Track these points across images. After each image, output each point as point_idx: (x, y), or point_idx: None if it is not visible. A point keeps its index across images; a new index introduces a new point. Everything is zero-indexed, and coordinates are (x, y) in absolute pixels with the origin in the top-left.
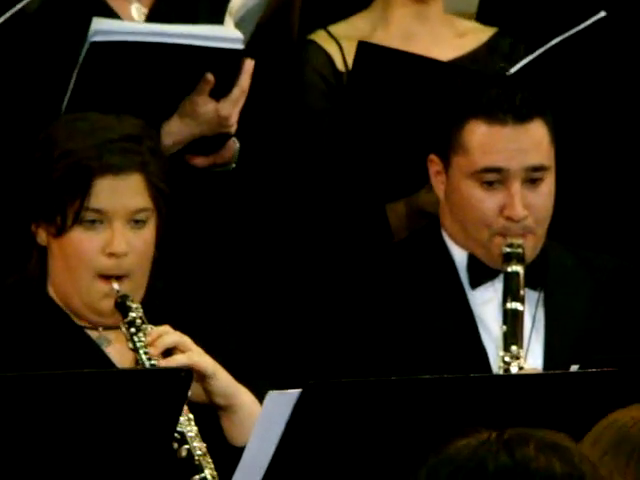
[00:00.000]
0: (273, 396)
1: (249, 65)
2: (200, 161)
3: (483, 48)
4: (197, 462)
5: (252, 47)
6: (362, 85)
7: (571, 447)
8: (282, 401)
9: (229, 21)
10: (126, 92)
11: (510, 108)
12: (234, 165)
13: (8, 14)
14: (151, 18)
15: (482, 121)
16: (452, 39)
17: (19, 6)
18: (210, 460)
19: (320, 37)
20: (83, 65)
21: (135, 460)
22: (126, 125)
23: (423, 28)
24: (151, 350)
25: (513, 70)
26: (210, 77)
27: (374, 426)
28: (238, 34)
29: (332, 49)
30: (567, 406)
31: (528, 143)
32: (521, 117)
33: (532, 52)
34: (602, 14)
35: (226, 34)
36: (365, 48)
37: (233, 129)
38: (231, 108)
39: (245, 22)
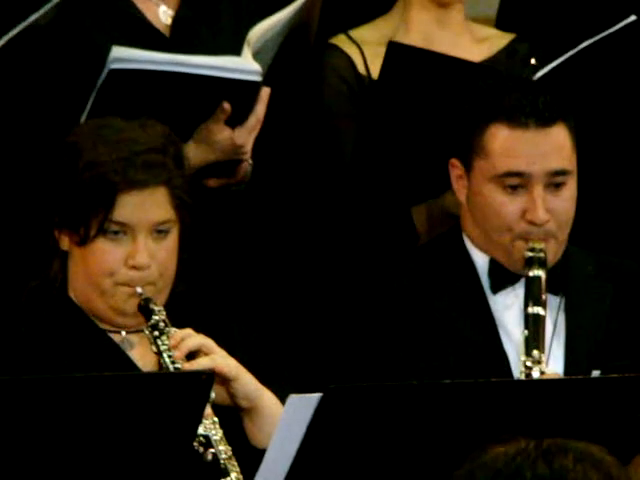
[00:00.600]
0: (294, 400)
1: (265, 94)
2: (213, 182)
3: (502, 54)
4: (223, 466)
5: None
6: (391, 85)
7: (609, 460)
8: (303, 405)
9: (247, 52)
10: (142, 116)
11: (533, 112)
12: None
13: (26, 23)
14: (177, 21)
15: (504, 125)
16: (471, 44)
17: (37, 15)
18: (236, 463)
19: (341, 41)
20: (100, 90)
21: (157, 463)
22: (151, 134)
23: (443, 33)
24: (175, 353)
25: (539, 74)
26: (227, 106)
27: (395, 430)
28: (256, 66)
29: (353, 53)
30: (588, 412)
31: (550, 147)
32: (544, 121)
33: (553, 57)
34: (633, 18)
35: (244, 66)
36: (395, 48)
37: (247, 156)
38: (246, 136)
39: (263, 52)
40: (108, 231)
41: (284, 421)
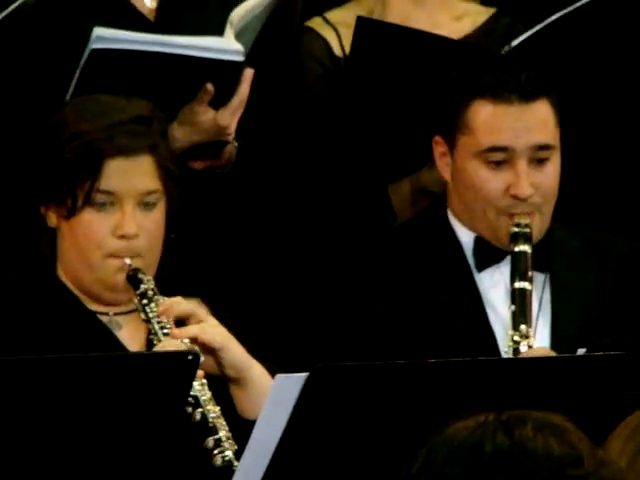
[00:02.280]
0: (280, 379)
1: (248, 74)
2: (198, 165)
3: (481, 30)
4: (211, 424)
5: (252, 55)
6: (362, 61)
7: (569, 428)
8: (289, 384)
9: (230, 32)
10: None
11: (515, 87)
12: (229, 168)
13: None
14: (162, 5)
15: (487, 100)
16: (450, 22)
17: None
18: (224, 422)
19: (317, 24)
20: (83, 69)
21: (144, 443)
22: (136, 106)
23: (421, 12)
24: (163, 319)
25: (514, 43)
26: (210, 87)
27: (382, 409)
28: (238, 46)
29: (329, 35)
30: (574, 389)
31: (534, 122)
32: (527, 96)
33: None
34: None
35: (226, 46)
36: (364, 24)
37: (231, 137)
38: (230, 117)
39: (245, 33)
40: (95, 201)
41: (271, 400)
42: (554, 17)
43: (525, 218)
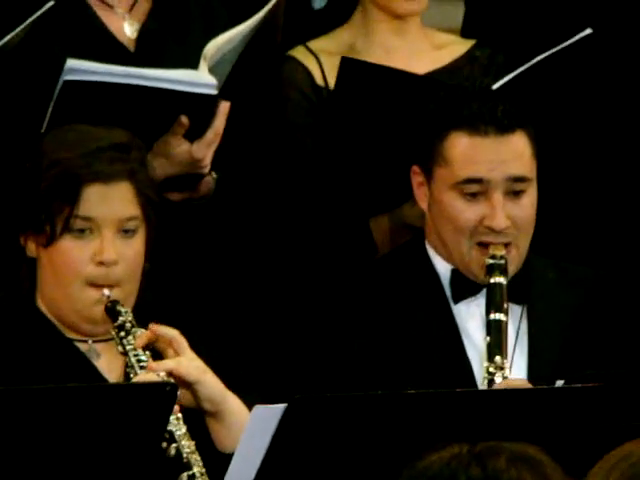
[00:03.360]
0: (259, 410)
1: (224, 107)
2: (176, 197)
3: (462, 60)
4: (185, 460)
5: (229, 81)
6: (345, 100)
7: (543, 459)
8: (268, 415)
9: (203, 66)
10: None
11: (492, 120)
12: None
13: (13, 34)
14: (143, 35)
15: (464, 132)
16: (431, 52)
17: (22, 26)
18: (199, 458)
19: (299, 53)
20: (56, 102)
21: (122, 473)
22: (115, 135)
23: (402, 42)
24: (140, 352)
25: (496, 86)
26: (184, 120)
27: (360, 440)
28: (211, 80)
29: (311, 64)
30: (552, 421)
31: (510, 154)
32: (503, 128)
33: (512, 64)
34: (588, 31)
35: (200, 80)
36: (348, 64)
37: (206, 170)
38: (205, 150)
39: (220, 65)
40: (74, 228)
41: (249, 431)
42: (536, 59)
43: (501, 250)
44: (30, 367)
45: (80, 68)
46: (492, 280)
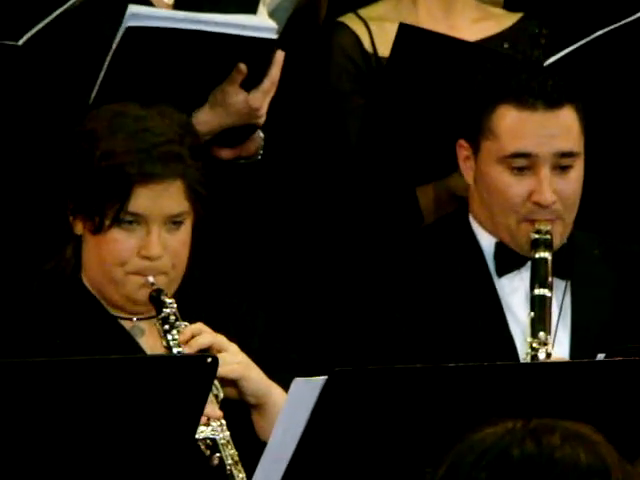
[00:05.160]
0: (299, 383)
1: (280, 57)
2: (226, 153)
3: (509, 31)
4: (228, 471)
5: (282, 39)
6: (401, 67)
7: (597, 439)
8: (308, 388)
9: (263, 11)
10: (158, 80)
11: (541, 93)
12: (259, 157)
13: (51, 17)
14: (181, 1)
15: (512, 106)
16: (478, 22)
17: (66, 6)
18: (241, 469)
19: (349, 19)
20: (117, 50)
21: (162, 447)
22: (168, 125)
23: (450, 11)
24: (185, 349)
25: (550, 61)
26: (243, 67)
27: (400, 414)
28: (272, 24)
29: (360, 31)
30: (593, 395)
31: (558, 129)
32: (551, 103)
33: (559, 37)
34: None
35: (260, 23)
36: (406, 30)
37: (262, 120)
38: (262, 99)
39: (278, 12)
40: (122, 221)
41: (289, 404)
42: (592, 36)
43: (546, 225)
44: (74, 342)
45: (143, 13)
46: (537, 255)
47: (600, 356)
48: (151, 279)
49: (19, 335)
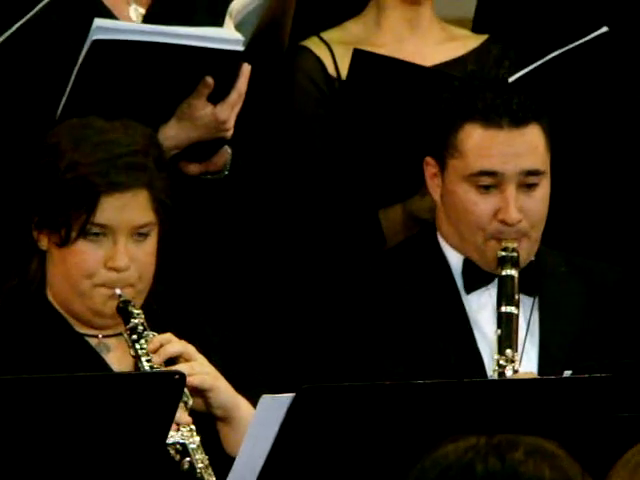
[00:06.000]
0: (266, 400)
1: (246, 69)
2: (193, 168)
3: (474, 53)
4: (199, 475)
5: (247, 54)
6: (357, 91)
7: (560, 454)
8: (275, 405)
9: (229, 23)
10: (124, 94)
11: (506, 112)
12: (226, 173)
13: (13, 28)
14: (148, 19)
15: (478, 124)
16: (444, 43)
17: (28, 16)
18: (212, 472)
19: (312, 43)
20: (83, 64)
21: (130, 463)
22: (133, 136)
23: (415, 32)
24: (154, 358)
25: (513, 79)
26: (209, 80)
27: (368, 430)
28: (238, 36)
29: (324, 54)
30: (560, 411)
31: (524, 147)
32: (517, 121)
33: (524, 59)
34: (604, 29)
35: (226, 35)
36: (360, 55)
37: (230, 133)
38: (229, 112)
39: (244, 25)
40: (89, 233)
41: (256, 421)
42: (553, 54)
43: (513, 242)
44: (39, 360)
45: (109, 27)
46: (504, 272)
47: (567, 373)
48: (118, 291)
49: None
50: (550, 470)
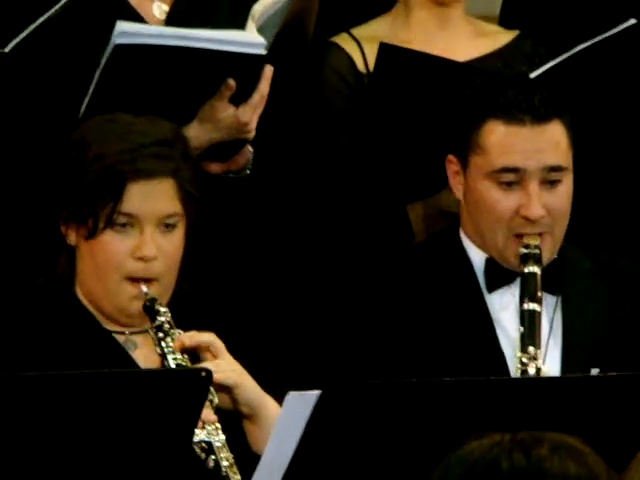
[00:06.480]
0: (293, 397)
1: (269, 71)
2: (215, 167)
3: (505, 49)
4: (224, 473)
5: (270, 54)
6: (383, 86)
7: (585, 450)
8: (302, 402)
9: (252, 26)
10: (146, 96)
11: (528, 108)
12: (248, 172)
13: (37, 23)
14: (172, 16)
15: (500, 121)
16: (473, 40)
17: (50, 13)
18: (237, 471)
19: (341, 39)
20: (105, 67)
21: (156, 460)
22: (159, 129)
23: (444, 30)
24: (178, 355)
25: (534, 74)
26: (231, 82)
27: (393, 428)
28: (261, 39)
29: (353, 50)
30: (583, 410)
31: (546, 143)
32: (539, 117)
33: (554, 55)
34: (632, 21)
35: (249, 39)
36: (387, 50)
37: (251, 135)
38: (250, 114)
39: (267, 28)
40: (116, 223)
41: (283, 418)
42: (577, 49)
43: (535, 239)
44: (67, 356)
45: (131, 31)
46: (526, 270)
47: (594, 371)
48: (144, 289)
49: (12, 349)
50: (575, 465)
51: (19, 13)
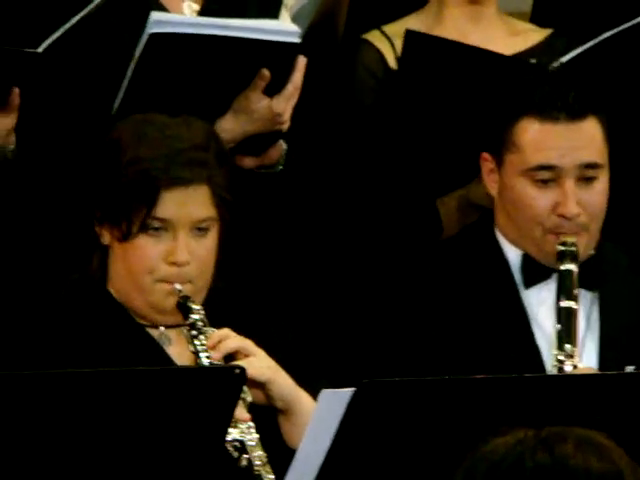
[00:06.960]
0: (327, 394)
1: (302, 62)
2: (248, 162)
3: (538, 47)
4: (257, 472)
5: (303, 46)
6: (411, 74)
7: (609, 445)
8: (336, 399)
9: (285, 15)
10: (181, 87)
11: (563, 105)
12: (281, 167)
13: (70, 23)
14: (201, 14)
15: (535, 118)
16: (506, 38)
17: (84, 12)
18: (270, 470)
19: (373, 36)
20: (140, 57)
21: (189, 458)
22: (193, 132)
23: (477, 27)
24: (212, 354)
25: (564, 59)
26: (266, 72)
27: (427, 425)
28: (295, 28)
29: (384, 47)
30: (620, 407)
31: (581, 141)
32: (574, 114)
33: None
34: None
35: (284, 27)
36: (413, 37)
37: (286, 126)
38: (285, 104)
39: (300, 17)
40: (149, 227)
41: (317, 415)
42: (606, 35)
43: (571, 237)
44: (101, 352)
45: (166, 20)
46: (563, 267)
47: (629, 368)
48: (178, 286)
49: (47, 345)
50: (599, 461)
51: (51, 13)
